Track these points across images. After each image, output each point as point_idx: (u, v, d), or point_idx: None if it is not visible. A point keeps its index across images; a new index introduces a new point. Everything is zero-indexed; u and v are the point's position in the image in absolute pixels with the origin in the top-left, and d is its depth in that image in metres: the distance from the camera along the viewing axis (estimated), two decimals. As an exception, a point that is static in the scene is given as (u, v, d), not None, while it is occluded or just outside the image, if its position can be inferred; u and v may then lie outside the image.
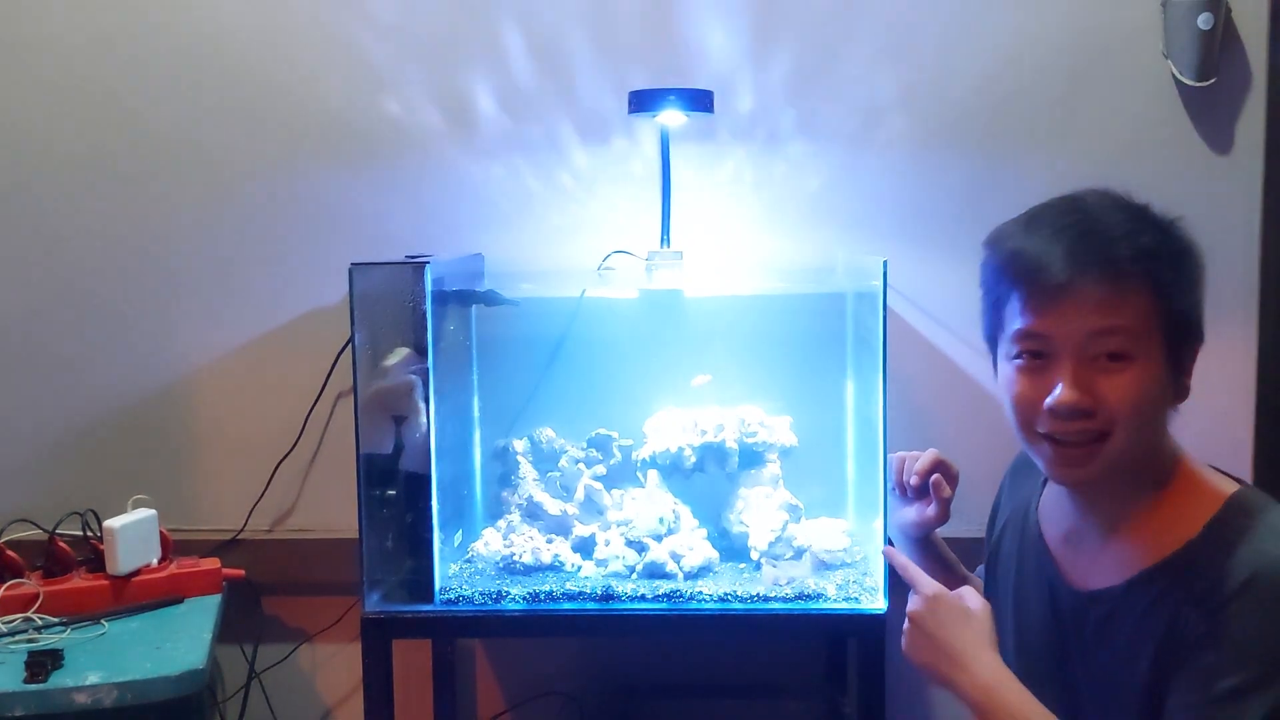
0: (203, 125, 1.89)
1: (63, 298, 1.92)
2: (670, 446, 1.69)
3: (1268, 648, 1.04)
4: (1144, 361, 1.11)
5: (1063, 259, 1.11)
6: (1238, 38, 1.83)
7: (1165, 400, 1.14)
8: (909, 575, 1.30)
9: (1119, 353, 1.11)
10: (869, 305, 1.59)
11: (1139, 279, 1.11)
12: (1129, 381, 1.11)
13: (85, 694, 1.42)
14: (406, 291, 1.51)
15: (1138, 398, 1.11)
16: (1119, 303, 1.11)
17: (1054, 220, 1.15)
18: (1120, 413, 1.11)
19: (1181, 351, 1.14)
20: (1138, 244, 1.12)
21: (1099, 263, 1.11)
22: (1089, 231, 1.13)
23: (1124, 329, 1.11)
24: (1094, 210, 1.15)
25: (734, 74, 1.86)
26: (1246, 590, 1.06)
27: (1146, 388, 1.11)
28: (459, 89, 1.88)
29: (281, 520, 1.97)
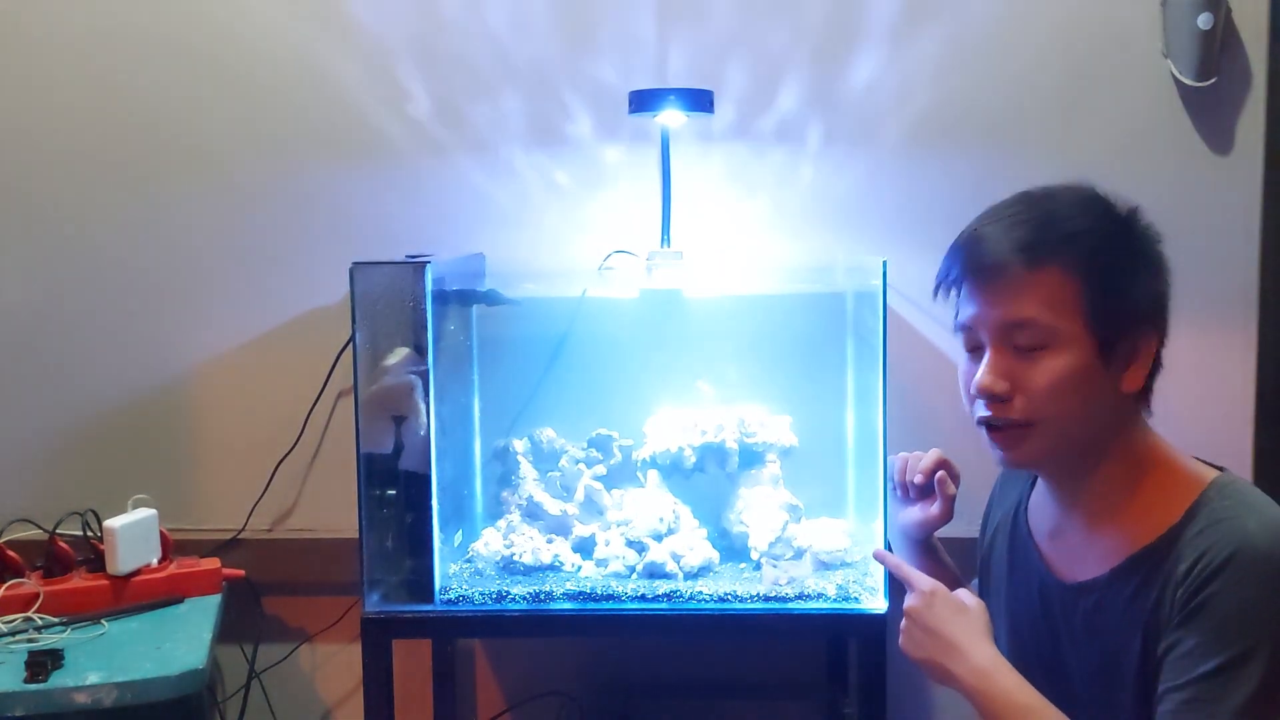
0: (203, 125, 1.90)
1: (63, 297, 1.92)
2: (670, 446, 1.69)
3: (1248, 625, 1.05)
4: (1064, 351, 1.13)
5: (982, 251, 1.15)
6: (1238, 38, 1.83)
7: (1096, 390, 1.14)
8: (903, 574, 1.31)
9: (1034, 343, 1.13)
10: (869, 305, 1.59)
11: (1050, 267, 1.12)
12: (1045, 371, 1.13)
13: (85, 694, 1.42)
14: (407, 291, 1.51)
15: (1054, 386, 1.13)
16: (1032, 292, 1.13)
17: (991, 214, 1.18)
18: (1039, 402, 1.14)
19: (1117, 341, 1.13)
20: (1058, 231, 1.13)
21: (1012, 253, 1.13)
22: (1013, 223, 1.15)
23: (1032, 320, 1.13)
24: (1031, 202, 1.17)
25: (734, 74, 1.86)
26: (1226, 567, 1.06)
27: (1063, 377, 1.12)
28: (459, 89, 1.88)
29: (282, 520, 1.97)
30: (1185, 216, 1.84)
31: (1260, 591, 1.05)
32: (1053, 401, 1.13)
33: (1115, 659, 1.16)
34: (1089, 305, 1.12)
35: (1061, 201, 1.17)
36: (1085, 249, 1.13)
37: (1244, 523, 1.08)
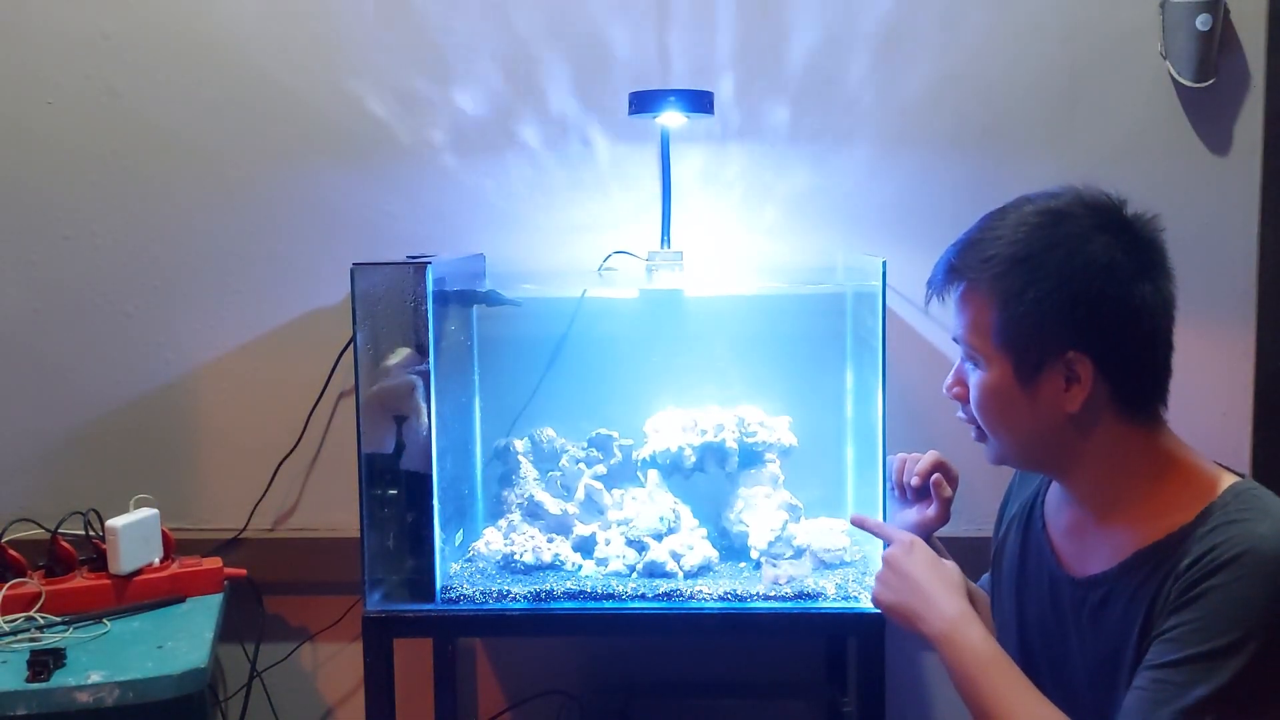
0: (204, 125, 1.90)
1: (65, 298, 1.93)
2: (670, 446, 1.69)
3: (1239, 619, 1.05)
4: (988, 369, 1.18)
5: (939, 266, 1.22)
6: (1236, 39, 1.83)
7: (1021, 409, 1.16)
8: (884, 532, 1.36)
9: (969, 357, 1.21)
10: (869, 305, 1.59)
11: (976, 291, 1.17)
12: (975, 385, 1.20)
13: (87, 693, 1.42)
14: (408, 291, 1.52)
15: (979, 401, 1.20)
16: (964, 310, 1.19)
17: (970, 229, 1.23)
18: (974, 412, 1.21)
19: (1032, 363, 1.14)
20: (981, 254, 1.16)
21: (945, 274, 1.20)
22: (964, 239, 1.20)
23: (966, 337, 1.19)
24: (987, 220, 1.20)
25: (734, 75, 1.86)
26: (1230, 564, 1.07)
27: (986, 394, 1.19)
28: (460, 89, 1.88)
29: (283, 519, 1.97)
30: (1184, 216, 1.84)
31: (1259, 591, 1.05)
32: (981, 415, 1.20)
33: (1116, 653, 1.16)
34: (1001, 331, 1.15)
35: (1004, 220, 1.17)
36: (996, 274, 1.14)
37: (1256, 526, 1.08)
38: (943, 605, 1.24)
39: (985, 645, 1.20)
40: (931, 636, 1.23)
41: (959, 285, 1.18)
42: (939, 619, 1.23)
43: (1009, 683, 1.17)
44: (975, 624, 1.22)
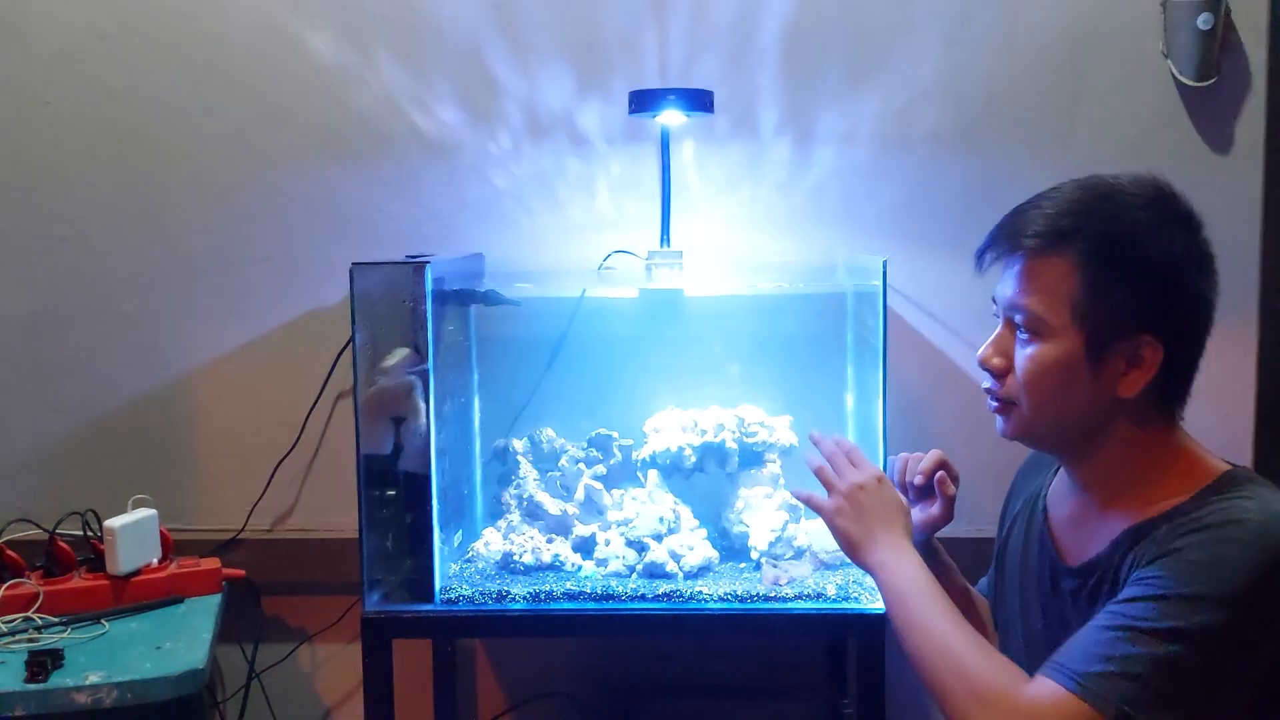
0: (203, 125, 1.90)
1: (63, 298, 1.93)
2: (670, 446, 1.69)
3: (1216, 575, 1.05)
4: (1051, 343, 1.15)
5: (1002, 231, 1.19)
6: (1237, 38, 1.83)
7: (1079, 387, 1.15)
8: (856, 457, 1.37)
9: (1027, 328, 1.17)
10: (869, 305, 1.59)
11: (1060, 260, 1.14)
12: (1029, 355, 1.17)
13: (85, 694, 1.42)
14: (407, 291, 1.51)
15: (1032, 373, 1.16)
16: (1034, 280, 1.15)
17: (1042, 193, 1.20)
18: (1019, 384, 1.18)
19: (1108, 344, 1.14)
20: (1072, 224, 1.14)
21: (1021, 236, 1.16)
22: (1032, 207, 1.18)
23: (1028, 306, 1.15)
24: (1077, 188, 1.18)
25: (734, 74, 1.86)
26: (1213, 528, 1.08)
27: (1043, 367, 1.15)
28: (460, 89, 1.88)
29: (282, 520, 1.97)
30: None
31: (1238, 554, 1.05)
32: (1031, 388, 1.17)
33: None
34: (1082, 304, 1.13)
35: (1099, 193, 1.16)
36: (1091, 247, 1.13)
37: (1245, 502, 1.09)
38: (886, 543, 1.28)
39: (918, 574, 1.24)
40: (872, 572, 1.28)
41: (1035, 252, 1.15)
42: (880, 556, 1.27)
43: (934, 611, 1.20)
44: (911, 557, 1.26)
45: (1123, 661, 1.06)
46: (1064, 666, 1.09)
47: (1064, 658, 1.10)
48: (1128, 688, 1.05)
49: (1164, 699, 1.05)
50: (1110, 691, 1.05)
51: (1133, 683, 1.05)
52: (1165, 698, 1.05)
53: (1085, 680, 1.07)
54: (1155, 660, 1.05)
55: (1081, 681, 1.07)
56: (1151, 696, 1.04)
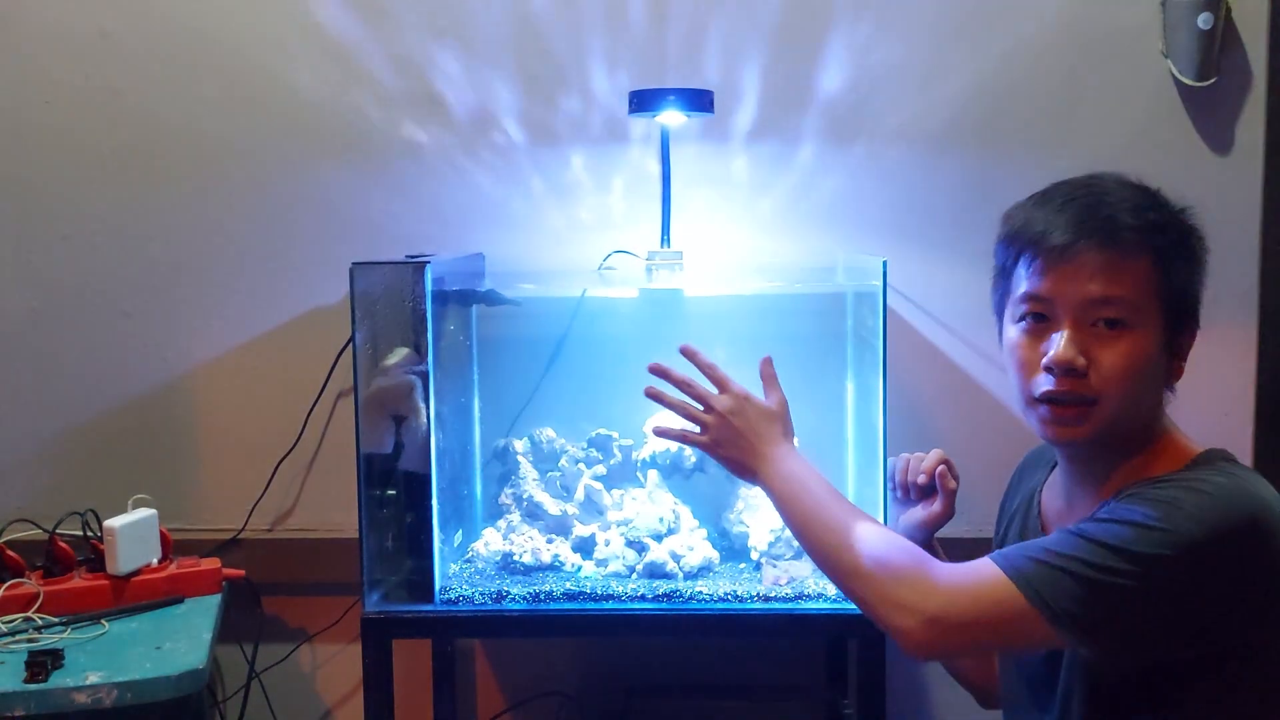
0: (203, 125, 1.90)
1: (63, 297, 1.92)
2: (670, 446, 1.69)
3: (1172, 516, 1.06)
4: (1140, 333, 1.15)
5: (1069, 224, 1.16)
6: (1237, 37, 1.83)
7: (1156, 376, 1.18)
8: (716, 375, 1.39)
9: (1116, 320, 1.15)
10: (869, 305, 1.59)
11: (1142, 251, 1.15)
12: (1123, 349, 1.15)
13: (85, 694, 1.41)
14: (407, 291, 1.51)
15: (1129, 366, 1.15)
16: (1120, 272, 1.15)
17: (1066, 192, 1.20)
18: (1111, 379, 1.15)
19: (1178, 332, 1.18)
20: (1143, 218, 1.16)
21: (1103, 230, 1.15)
22: (1097, 202, 1.18)
23: (1122, 298, 1.15)
24: (1106, 185, 1.20)
25: (734, 74, 1.86)
26: (1184, 483, 1.11)
27: (1139, 359, 1.15)
28: (459, 89, 1.88)
29: (282, 520, 1.97)
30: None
31: (1197, 505, 1.07)
32: (1123, 379, 1.15)
33: None
34: (1166, 294, 1.16)
35: (1152, 191, 1.20)
36: (1173, 241, 1.17)
37: (1217, 476, 1.11)
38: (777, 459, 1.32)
39: (806, 472, 1.29)
40: (770, 491, 1.31)
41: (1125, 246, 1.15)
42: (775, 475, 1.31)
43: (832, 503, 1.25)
44: (796, 458, 1.32)
45: (1059, 557, 1.08)
46: (1004, 552, 1.13)
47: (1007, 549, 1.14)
48: (1055, 580, 1.07)
49: (1085, 605, 1.06)
50: (1036, 577, 1.08)
51: (1062, 576, 1.07)
52: (1087, 604, 1.06)
53: (1017, 562, 1.10)
54: (1091, 565, 1.06)
55: (1013, 562, 1.10)
56: (1077, 594, 1.06)
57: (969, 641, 1.18)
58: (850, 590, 1.21)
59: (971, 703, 1.53)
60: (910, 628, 1.13)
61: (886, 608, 1.16)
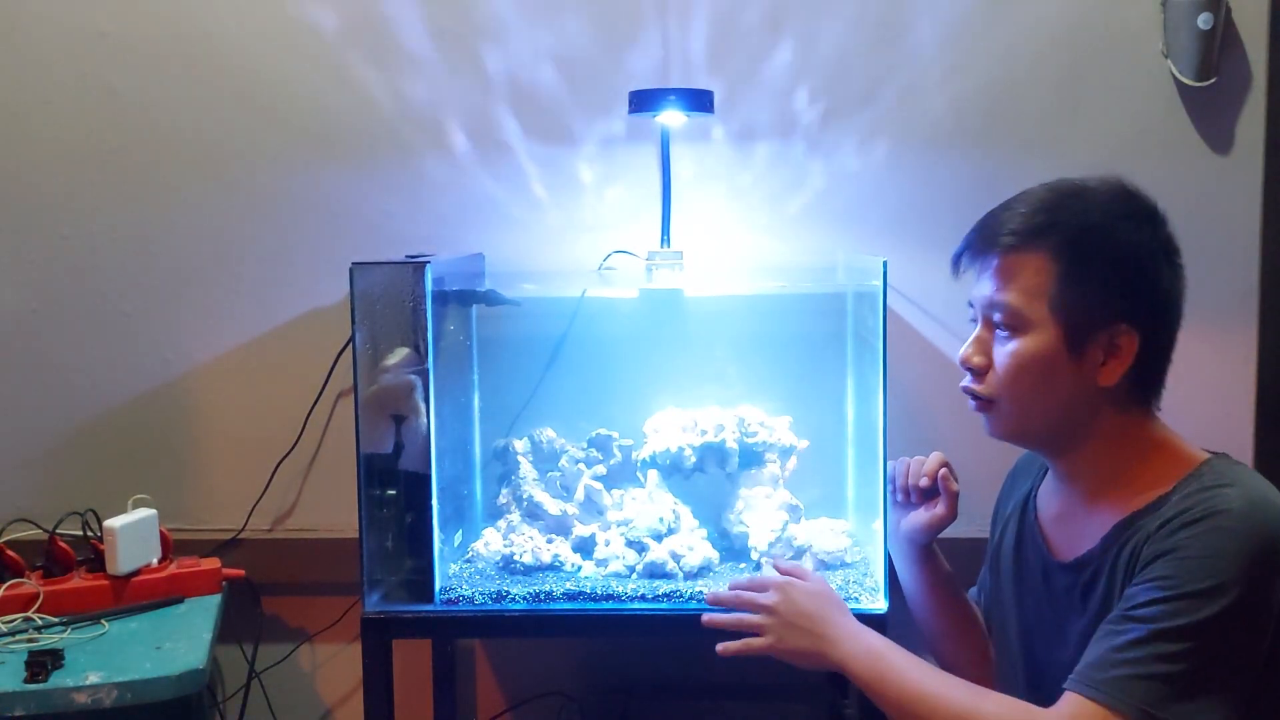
0: (203, 124, 1.90)
1: (63, 297, 1.92)
2: (670, 446, 1.69)
3: (1215, 566, 1.07)
4: (1030, 336, 1.17)
5: (975, 230, 1.23)
6: (1237, 38, 1.83)
7: (1061, 379, 1.17)
8: (755, 581, 1.39)
9: (1007, 324, 1.19)
10: (869, 305, 1.59)
11: (1037, 256, 1.17)
12: (1011, 352, 1.19)
13: (85, 694, 1.42)
14: (407, 291, 1.51)
15: (1014, 366, 1.18)
16: (1012, 276, 1.18)
17: (1012, 197, 1.24)
18: (1000, 380, 1.20)
19: (1087, 335, 1.16)
20: (1032, 221, 1.17)
21: (992, 235, 1.20)
22: (1003, 209, 1.21)
23: (1006, 303, 1.18)
24: (1046, 190, 1.21)
25: (734, 74, 1.86)
26: (1201, 521, 1.10)
27: (1025, 360, 1.17)
28: (460, 89, 1.88)
29: (282, 520, 1.97)
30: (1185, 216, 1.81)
31: (1228, 545, 1.07)
32: (1012, 382, 1.19)
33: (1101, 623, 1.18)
34: (1057, 294, 1.16)
35: (1066, 192, 1.20)
36: (1065, 240, 1.16)
37: (1227, 490, 1.11)
38: (853, 638, 1.28)
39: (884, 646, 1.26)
40: (852, 671, 1.26)
41: (1011, 249, 1.18)
42: (856, 654, 1.27)
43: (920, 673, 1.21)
44: (867, 633, 1.28)
45: (1140, 664, 1.07)
46: (1083, 677, 1.10)
47: (1081, 670, 1.11)
48: (1149, 688, 1.06)
49: (1184, 693, 1.06)
50: (1132, 693, 1.07)
51: (1153, 682, 1.06)
52: (1185, 692, 1.06)
53: (1106, 686, 1.08)
54: (1171, 657, 1.06)
55: (1102, 688, 1.08)
56: (1172, 692, 1.06)
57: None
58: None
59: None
60: None
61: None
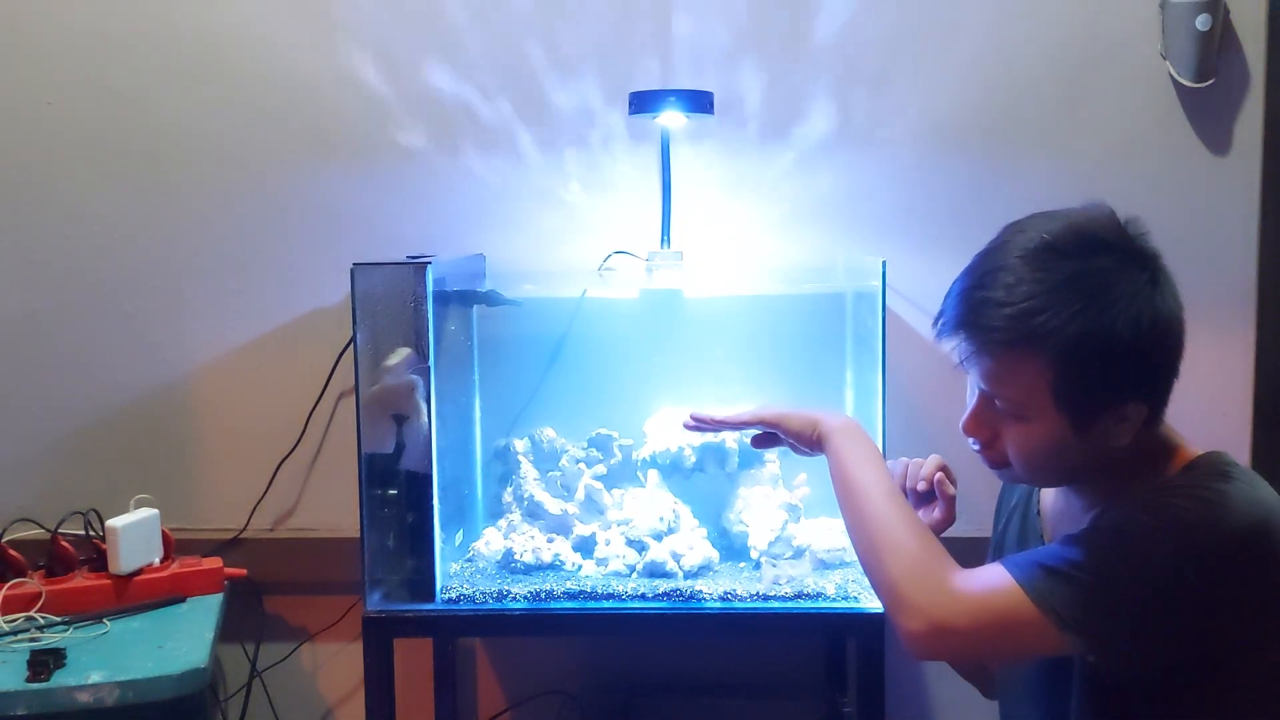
0: (204, 125, 1.90)
1: (65, 297, 1.93)
2: (670, 446, 1.69)
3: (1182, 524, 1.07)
4: (1036, 422, 1.14)
5: (958, 316, 1.17)
6: (1236, 39, 1.83)
7: (1071, 450, 1.15)
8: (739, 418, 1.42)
9: (1009, 412, 1.16)
10: (869, 305, 1.59)
11: (1032, 357, 1.12)
12: (1018, 434, 1.16)
13: (87, 693, 1.42)
14: (408, 291, 1.52)
15: (1025, 450, 1.17)
16: (1004, 374, 1.14)
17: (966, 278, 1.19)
18: (1011, 455, 1.18)
19: (1089, 416, 1.13)
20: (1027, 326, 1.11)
21: (985, 332, 1.14)
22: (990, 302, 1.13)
23: (1011, 396, 1.15)
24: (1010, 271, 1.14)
25: (734, 75, 1.86)
26: (1183, 487, 1.11)
27: (1035, 443, 1.16)
28: (460, 90, 1.88)
29: (283, 519, 1.97)
30: (1184, 217, 1.85)
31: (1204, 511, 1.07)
32: (1023, 460, 1.18)
33: None
34: (1062, 393, 1.12)
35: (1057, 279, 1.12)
36: (1062, 347, 1.11)
37: (1215, 477, 1.11)
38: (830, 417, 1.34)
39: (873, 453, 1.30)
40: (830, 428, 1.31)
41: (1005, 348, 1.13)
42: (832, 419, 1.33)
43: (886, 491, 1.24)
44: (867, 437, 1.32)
45: (1069, 565, 1.08)
46: (1010, 559, 1.13)
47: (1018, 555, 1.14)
48: (1065, 587, 1.07)
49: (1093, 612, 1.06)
50: (1045, 585, 1.07)
51: (1071, 584, 1.07)
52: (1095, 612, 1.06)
53: (1025, 568, 1.10)
54: (1100, 573, 1.06)
55: (1022, 569, 1.10)
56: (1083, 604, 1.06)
57: (972, 648, 1.18)
58: (866, 566, 1.22)
59: (971, 702, 1.54)
60: (916, 631, 1.12)
61: (896, 606, 1.15)
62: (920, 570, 1.15)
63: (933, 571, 1.15)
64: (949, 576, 1.14)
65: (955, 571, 1.15)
